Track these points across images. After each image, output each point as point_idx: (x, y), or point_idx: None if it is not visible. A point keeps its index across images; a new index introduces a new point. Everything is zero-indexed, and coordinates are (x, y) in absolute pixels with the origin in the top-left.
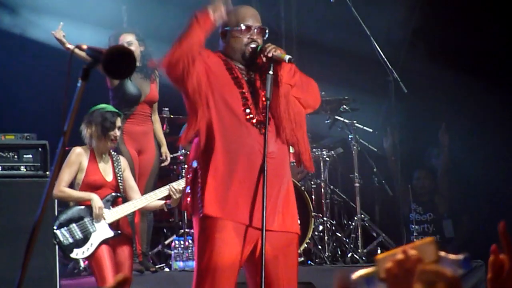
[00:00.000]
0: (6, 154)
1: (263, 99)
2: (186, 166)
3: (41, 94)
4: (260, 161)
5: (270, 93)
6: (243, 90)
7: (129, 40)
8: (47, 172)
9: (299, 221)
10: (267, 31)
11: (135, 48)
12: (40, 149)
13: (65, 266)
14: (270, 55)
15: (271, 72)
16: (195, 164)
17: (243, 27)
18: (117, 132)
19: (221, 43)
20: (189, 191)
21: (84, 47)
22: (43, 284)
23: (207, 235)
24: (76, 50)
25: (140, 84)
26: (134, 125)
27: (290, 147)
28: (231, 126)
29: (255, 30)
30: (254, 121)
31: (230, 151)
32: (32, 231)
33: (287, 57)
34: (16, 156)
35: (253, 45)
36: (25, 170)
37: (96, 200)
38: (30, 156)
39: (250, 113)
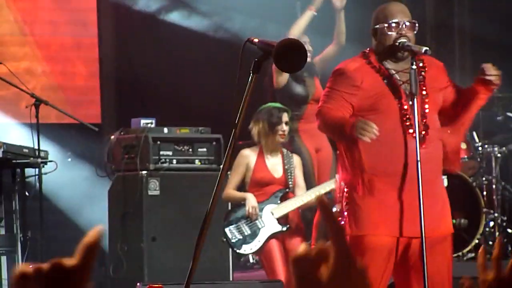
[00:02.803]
0: (182, 147)
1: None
2: None
3: (216, 87)
4: (413, 169)
5: (415, 88)
6: (401, 101)
7: (305, 40)
8: (221, 166)
9: (466, 220)
10: (416, 25)
11: (309, 47)
12: (214, 142)
13: (238, 259)
14: (406, 46)
15: (414, 67)
16: (342, 184)
17: (391, 23)
18: (285, 127)
19: (373, 41)
20: (340, 209)
21: (256, 40)
22: (217, 275)
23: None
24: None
25: (306, 83)
26: (308, 123)
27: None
28: (384, 139)
29: (404, 25)
30: (411, 130)
31: (380, 167)
32: (203, 223)
33: (424, 48)
34: (190, 150)
35: (401, 40)
36: (199, 163)
37: (250, 199)
38: (205, 149)
39: (408, 122)
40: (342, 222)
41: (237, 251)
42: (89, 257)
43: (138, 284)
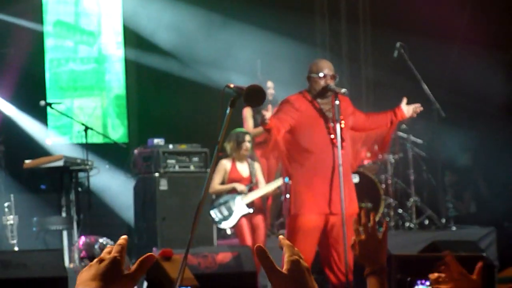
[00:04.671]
0: (182, 157)
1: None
2: None
3: (205, 116)
4: (334, 168)
5: (338, 115)
6: (327, 122)
7: (270, 85)
8: (207, 170)
9: (371, 203)
10: (337, 76)
11: (272, 90)
12: (203, 154)
13: (220, 231)
14: (332, 89)
15: (337, 102)
16: (286, 180)
17: (321, 75)
18: (248, 145)
19: (308, 84)
20: (284, 198)
21: (232, 85)
22: (205, 242)
23: (294, 227)
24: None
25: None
26: (260, 139)
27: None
28: (315, 148)
29: (329, 76)
30: (334, 141)
31: (311, 167)
32: (197, 207)
33: (343, 90)
34: (187, 159)
35: (329, 85)
36: (193, 168)
37: (238, 186)
38: (197, 159)
39: (332, 135)
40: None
41: (218, 226)
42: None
43: (154, 248)
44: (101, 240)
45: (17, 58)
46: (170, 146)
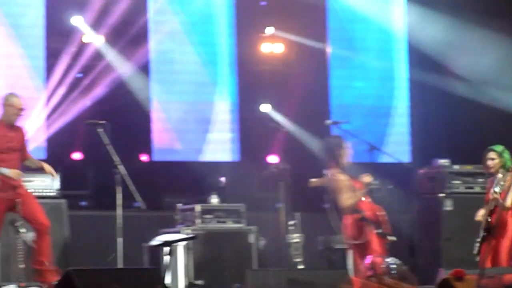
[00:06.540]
0: (467, 178)
1: None
2: None
3: (490, 137)
4: None
5: None
6: None
7: None
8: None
9: None
10: None
11: None
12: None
13: None
14: None
15: None
16: None
17: None
18: (488, 162)
19: None
20: None
21: None
22: None
23: None
24: None
25: None
26: None
27: None
28: None
29: None
30: None
31: None
32: None
33: None
34: (473, 180)
35: None
36: (479, 189)
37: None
38: (483, 180)
39: None
40: None
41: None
42: None
43: (440, 269)
44: (387, 260)
45: (301, 77)
46: (456, 166)
